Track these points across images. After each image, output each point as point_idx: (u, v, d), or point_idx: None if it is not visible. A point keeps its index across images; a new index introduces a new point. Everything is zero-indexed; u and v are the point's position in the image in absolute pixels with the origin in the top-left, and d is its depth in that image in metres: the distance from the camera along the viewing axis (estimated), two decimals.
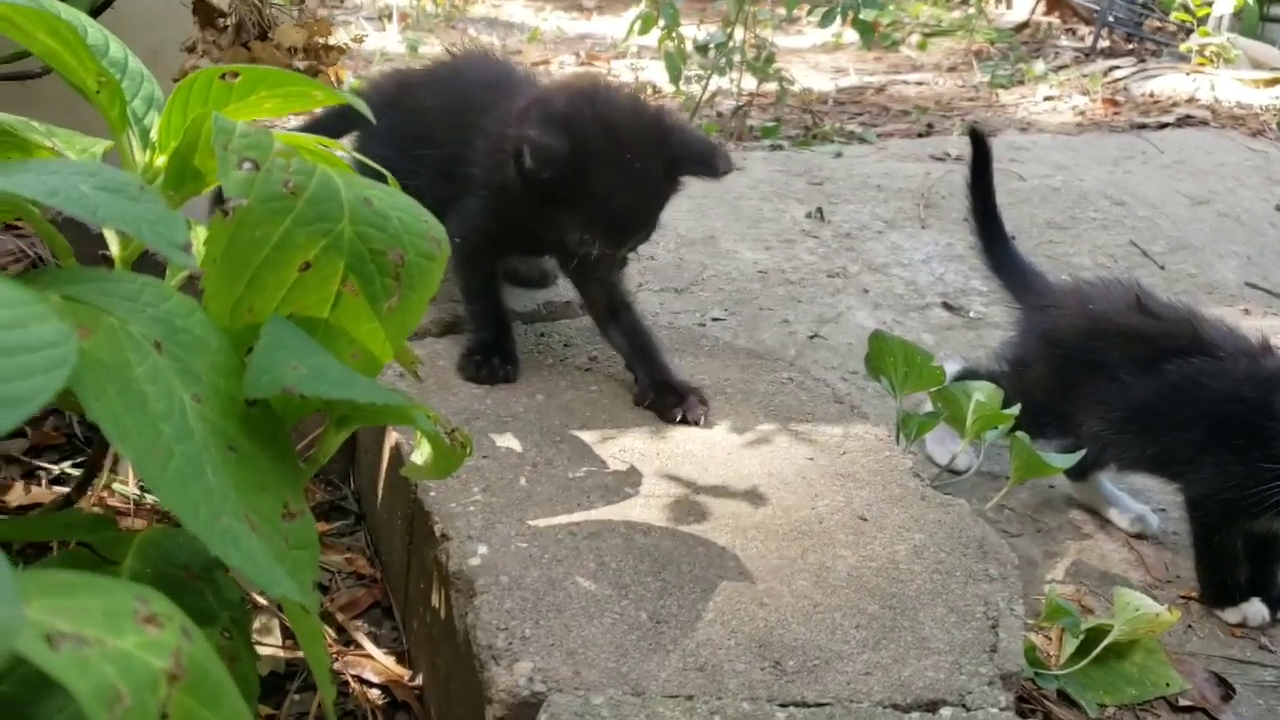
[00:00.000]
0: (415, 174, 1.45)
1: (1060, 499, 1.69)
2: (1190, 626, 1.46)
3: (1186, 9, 5.04)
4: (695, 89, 3.63)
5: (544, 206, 1.28)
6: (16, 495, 1.31)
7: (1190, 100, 4.21)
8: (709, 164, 1.32)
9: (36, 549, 1.18)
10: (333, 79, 1.61)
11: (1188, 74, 4.48)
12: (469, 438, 0.94)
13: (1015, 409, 1.46)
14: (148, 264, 0.92)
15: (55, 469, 1.38)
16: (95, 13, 1.43)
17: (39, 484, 1.35)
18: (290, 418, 0.81)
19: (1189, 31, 5.01)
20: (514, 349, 1.41)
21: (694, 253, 2.28)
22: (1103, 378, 1.55)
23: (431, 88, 1.53)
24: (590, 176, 1.24)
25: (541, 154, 1.21)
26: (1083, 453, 1.47)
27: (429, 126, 1.46)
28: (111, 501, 1.31)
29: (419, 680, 1.19)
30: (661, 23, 3.48)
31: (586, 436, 1.28)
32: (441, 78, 1.57)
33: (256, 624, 1.21)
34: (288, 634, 1.20)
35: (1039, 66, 4.96)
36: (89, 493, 1.30)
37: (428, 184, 1.44)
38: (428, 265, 0.82)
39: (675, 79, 3.56)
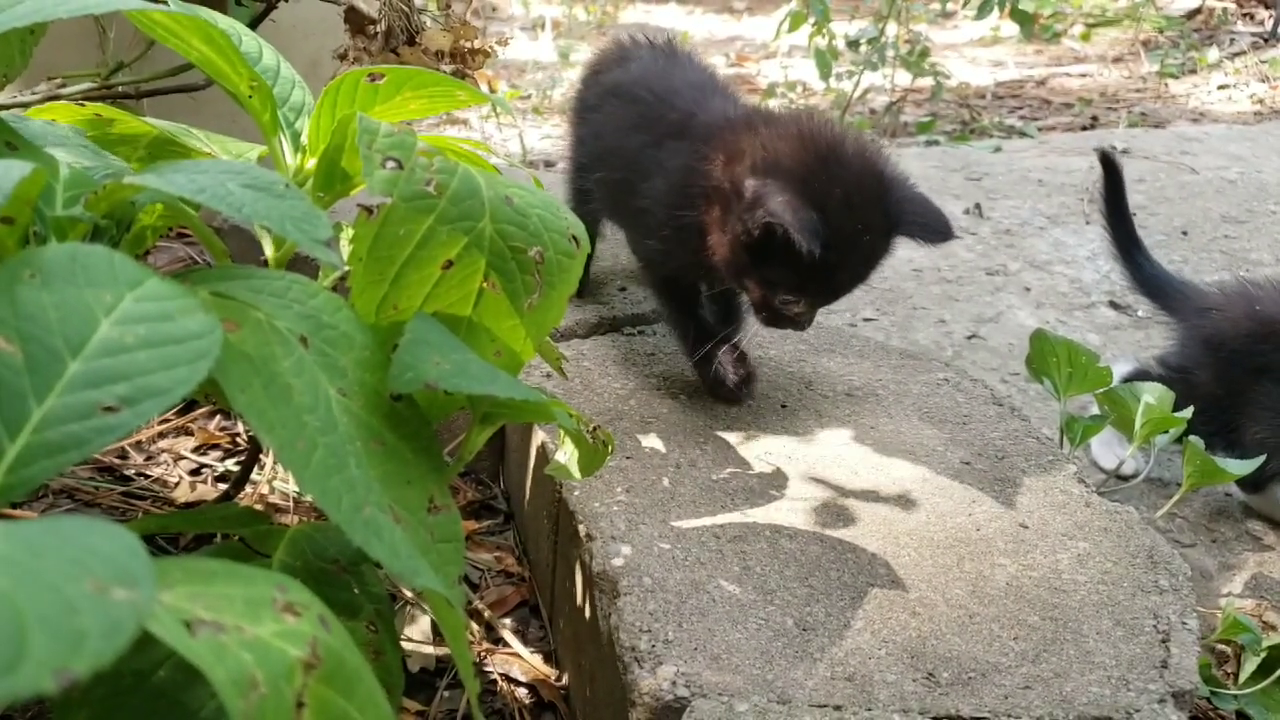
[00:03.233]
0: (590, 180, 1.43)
1: (1236, 508, 1.57)
2: None
3: None
4: (846, 85, 3.57)
5: (755, 263, 1.17)
6: (183, 492, 1.37)
7: None
8: (930, 233, 1.20)
9: (200, 542, 1.23)
10: (483, 85, 1.63)
11: None
12: (610, 436, 0.93)
13: (1188, 411, 1.37)
14: (303, 267, 0.95)
15: (219, 467, 1.44)
16: (253, 24, 1.49)
17: (204, 481, 1.41)
18: (435, 414, 0.82)
19: None
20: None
21: None
22: (1269, 383, 1.45)
23: (610, 103, 1.43)
24: (825, 248, 1.10)
25: (811, 236, 1.07)
26: (1262, 459, 1.37)
27: (604, 149, 1.40)
28: (272, 499, 1.36)
29: (565, 680, 1.18)
30: (811, 20, 3.43)
31: (730, 438, 1.26)
32: (621, 89, 1.43)
33: (407, 620, 1.23)
34: (439, 631, 1.21)
35: (1212, 54, 4.69)
36: (250, 490, 1.35)
37: (600, 197, 1.42)
38: (567, 262, 0.82)
39: (825, 75, 3.50)
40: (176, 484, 1.39)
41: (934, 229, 1.20)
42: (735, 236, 1.16)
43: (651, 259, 1.37)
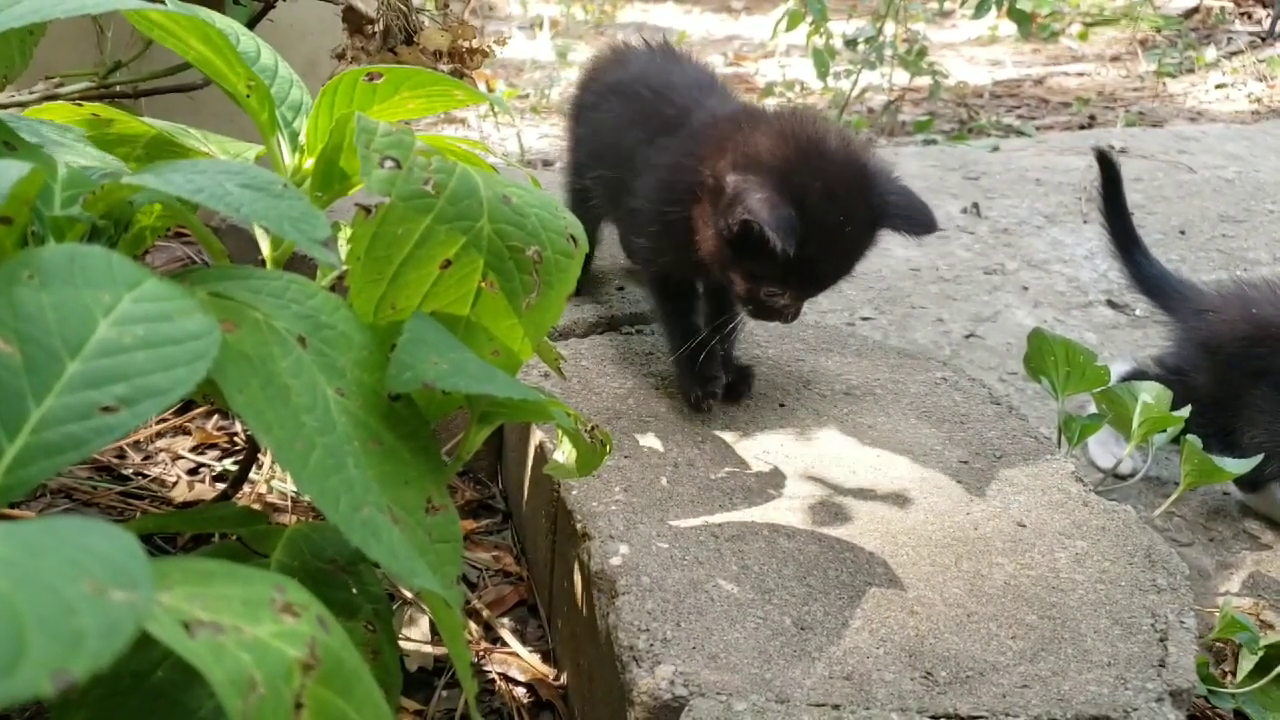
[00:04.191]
0: (588, 178, 1.44)
1: (1234, 507, 1.58)
2: None
3: None
4: (844, 85, 3.57)
5: (737, 256, 1.18)
6: (180, 491, 1.37)
7: None
8: (914, 225, 1.20)
9: (198, 542, 1.23)
10: (481, 84, 1.63)
11: None
12: (609, 435, 0.93)
13: (1185, 410, 1.37)
14: (301, 267, 0.95)
15: (217, 466, 1.44)
16: (250, 24, 1.49)
17: (202, 481, 1.40)
18: (433, 413, 0.82)
19: None
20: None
21: None
22: (1266, 386, 1.45)
23: (609, 100, 1.44)
24: (804, 241, 1.11)
25: (787, 234, 1.08)
26: (1260, 458, 1.37)
27: (601, 146, 1.41)
28: (270, 499, 1.36)
29: (563, 679, 1.18)
30: (809, 19, 3.43)
31: (728, 437, 1.26)
32: (619, 88, 1.45)
33: (406, 619, 1.23)
34: (437, 631, 1.21)
35: (1210, 53, 4.69)
36: (248, 489, 1.35)
37: (598, 194, 1.43)
38: (565, 262, 0.82)
39: (823, 75, 3.50)
40: (174, 484, 1.38)
41: (918, 221, 1.20)
42: (718, 232, 1.17)
43: (643, 256, 1.38)
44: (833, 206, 1.14)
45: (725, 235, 1.16)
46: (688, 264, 1.27)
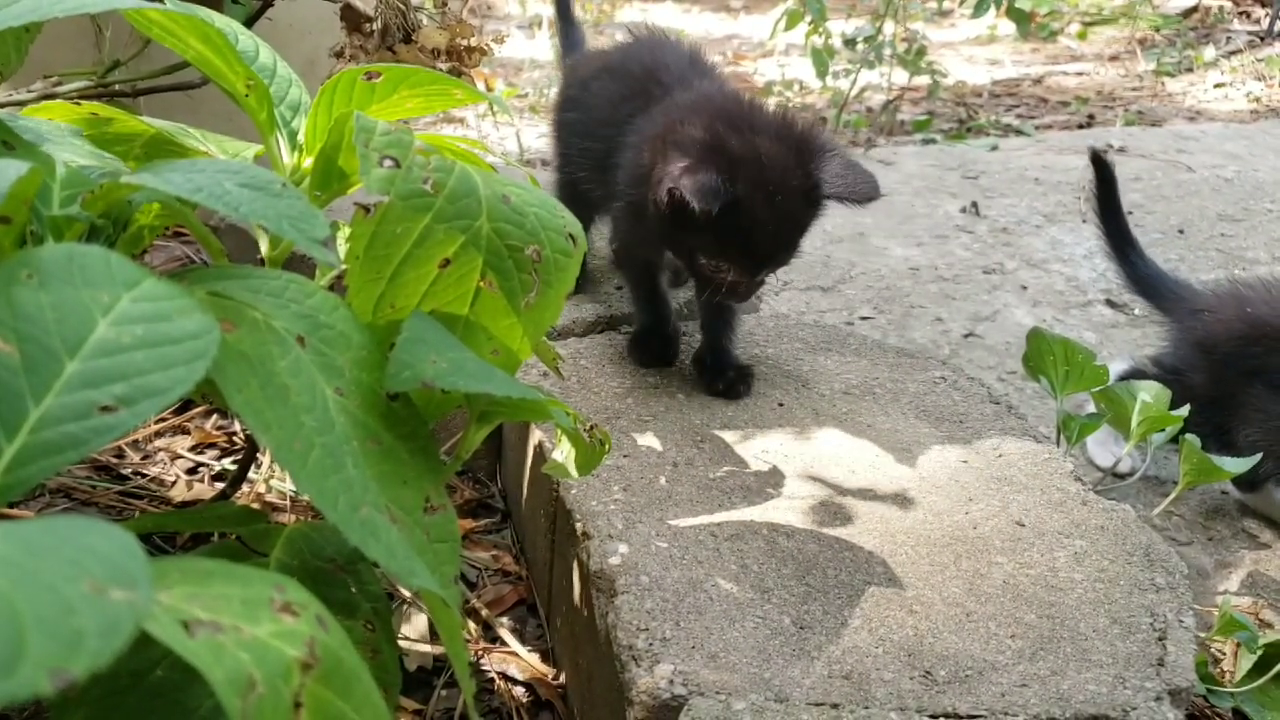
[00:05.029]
0: (578, 166, 1.48)
1: (1233, 506, 1.58)
2: None
3: None
4: (843, 84, 3.57)
5: (677, 232, 1.22)
6: (179, 490, 1.36)
7: None
8: (854, 193, 1.22)
9: (197, 541, 1.23)
10: (480, 83, 1.63)
11: None
12: (607, 435, 0.93)
13: (1184, 409, 1.37)
14: (300, 266, 0.95)
15: (216, 466, 1.44)
16: (249, 22, 1.49)
17: (201, 480, 1.40)
18: (432, 413, 0.82)
19: None
20: (672, 334, 1.42)
21: (842, 250, 2.23)
22: (1262, 385, 1.45)
23: (599, 79, 1.49)
24: (732, 210, 1.15)
25: (705, 196, 1.11)
26: (1258, 457, 1.37)
27: (590, 122, 1.45)
28: (269, 498, 1.36)
29: (562, 679, 1.18)
30: (808, 18, 3.43)
31: (728, 436, 1.26)
32: (610, 67, 1.50)
33: (404, 618, 1.23)
34: (436, 629, 1.21)
35: (1209, 52, 4.69)
36: (247, 489, 1.35)
37: (588, 178, 1.46)
38: (564, 261, 0.82)
39: (822, 74, 3.50)
40: (173, 483, 1.38)
41: (858, 191, 1.21)
42: (654, 206, 1.20)
43: (618, 236, 1.45)
44: (764, 176, 1.17)
45: (658, 208, 1.19)
46: (649, 245, 1.34)
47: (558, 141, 1.58)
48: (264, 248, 0.86)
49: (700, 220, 1.14)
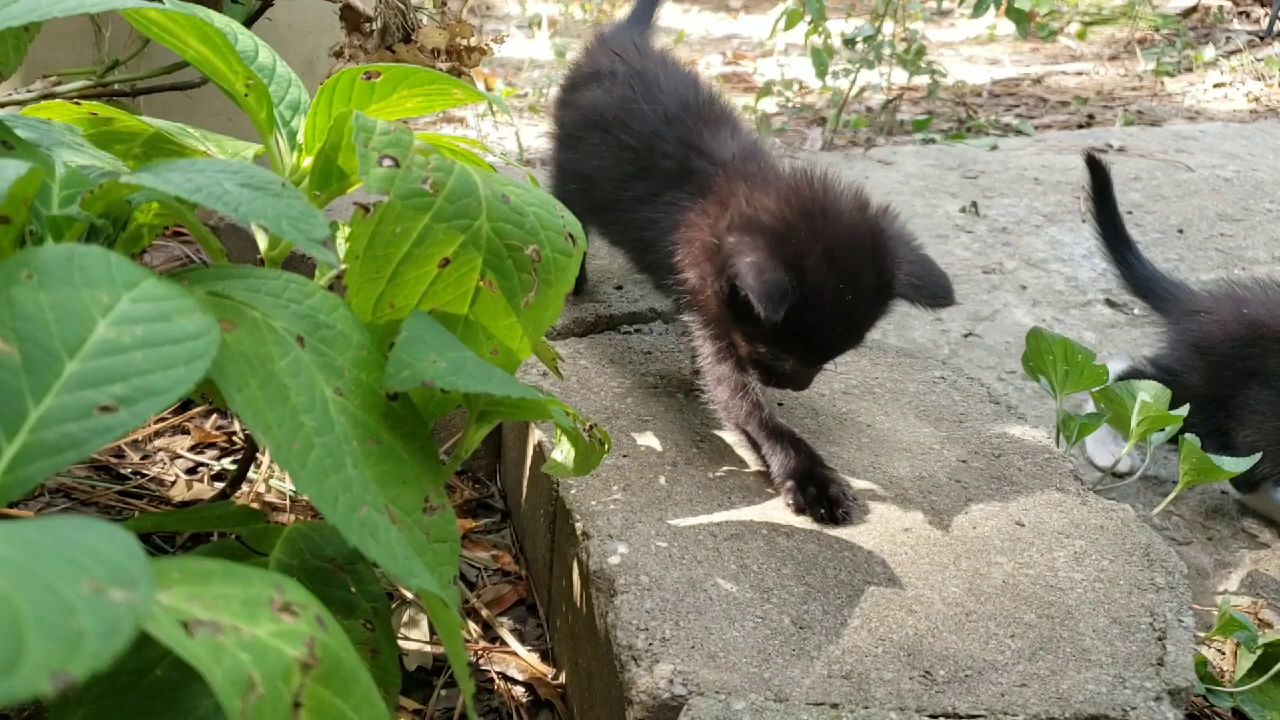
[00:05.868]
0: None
1: (1232, 506, 1.58)
2: None
3: None
4: (843, 84, 3.57)
5: (737, 321, 1.14)
6: (179, 490, 1.36)
7: None
8: (927, 297, 1.13)
9: (196, 541, 1.23)
10: (480, 83, 1.63)
11: None
12: (607, 434, 0.93)
13: (1184, 409, 1.37)
14: (300, 266, 0.95)
15: (216, 465, 1.44)
16: (248, 22, 1.49)
17: (200, 480, 1.40)
18: (432, 413, 0.82)
19: None
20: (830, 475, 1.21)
21: None
22: (1259, 386, 1.45)
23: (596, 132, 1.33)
24: (799, 306, 1.05)
25: (772, 300, 1.02)
26: (1257, 457, 1.37)
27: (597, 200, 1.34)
28: (268, 498, 1.36)
29: (562, 678, 1.18)
30: (808, 18, 3.43)
31: (727, 436, 1.26)
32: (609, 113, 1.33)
33: (405, 619, 1.23)
34: (435, 629, 1.21)
35: (1208, 52, 4.69)
36: (246, 489, 1.35)
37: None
38: (564, 261, 0.82)
39: (822, 74, 3.50)
40: (173, 483, 1.38)
41: (932, 293, 1.14)
42: (715, 293, 1.14)
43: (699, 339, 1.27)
44: (835, 273, 1.07)
45: (720, 297, 1.13)
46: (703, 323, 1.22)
47: (555, 180, 1.47)
48: (263, 247, 0.86)
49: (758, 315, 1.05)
